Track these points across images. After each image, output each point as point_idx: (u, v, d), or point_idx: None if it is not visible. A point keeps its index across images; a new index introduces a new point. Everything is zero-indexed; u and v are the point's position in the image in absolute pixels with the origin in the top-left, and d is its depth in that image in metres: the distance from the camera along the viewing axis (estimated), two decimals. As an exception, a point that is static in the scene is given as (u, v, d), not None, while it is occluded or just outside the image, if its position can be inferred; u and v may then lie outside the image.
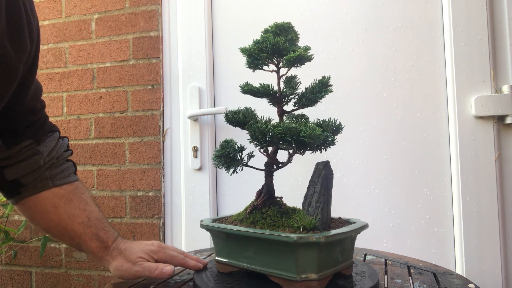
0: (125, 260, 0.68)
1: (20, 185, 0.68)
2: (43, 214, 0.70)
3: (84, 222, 0.70)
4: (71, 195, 0.72)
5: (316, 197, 0.63)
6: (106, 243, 0.70)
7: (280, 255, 0.58)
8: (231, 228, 0.63)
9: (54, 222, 0.70)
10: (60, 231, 0.70)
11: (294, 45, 0.71)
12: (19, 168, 0.66)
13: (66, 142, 0.75)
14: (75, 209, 0.71)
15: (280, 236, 0.56)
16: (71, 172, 0.75)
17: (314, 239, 0.54)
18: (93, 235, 0.70)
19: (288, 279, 0.57)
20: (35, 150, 0.68)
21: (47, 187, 0.69)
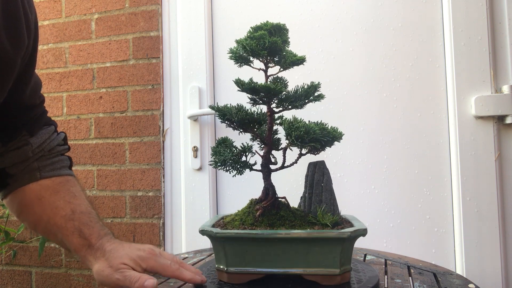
0: (107, 264, 0.61)
1: (7, 175, 0.65)
2: (28, 207, 0.66)
3: (67, 215, 0.64)
4: (58, 187, 0.67)
5: (327, 195, 0.65)
6: (89, 240, 0.64)
7: (320, 252, 0.59)
8: (266, 233, 0.60)
9: (37, 215, 0.65)
10: (44, 225, 0.65)
11: (286, 46, 0.71)
12: (6, 157, 0.64)
13: (61, 137, 0.72)
14: (59, 201, 0.65)
15: (332, 233, 0.58)
16: (64, 166, 0.70)
17: (362, 231, 0.60)
18: (75, 229, 0.63)
19: (328, 275, 0.59)
20: (26, 141, 0.65)
21: (34, 178, 0.66)
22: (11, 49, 0.51)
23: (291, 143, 0.65)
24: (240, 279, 0.62)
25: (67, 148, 0.73)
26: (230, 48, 0.70)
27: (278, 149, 0.73)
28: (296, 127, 0.63)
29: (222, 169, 0.69)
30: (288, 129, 0.64)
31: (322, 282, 0.60)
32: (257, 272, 0.62)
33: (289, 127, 0.64)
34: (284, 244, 0.60)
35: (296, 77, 1.24)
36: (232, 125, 0.70)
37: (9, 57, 0.51)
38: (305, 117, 0.69)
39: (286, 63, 0.69)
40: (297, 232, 0.59)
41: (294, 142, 0.64)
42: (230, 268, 0.62)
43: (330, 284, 0.60)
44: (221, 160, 0.68)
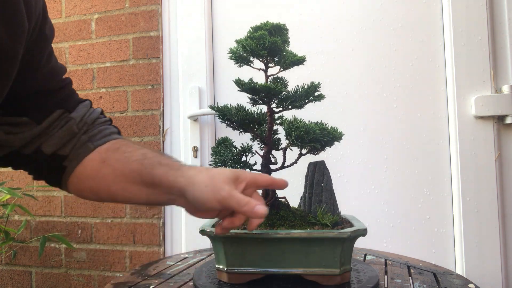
0: (210, 179, 0.54)
1: (61, 158, 0.62)
2: (94, 176, 0.61)
3: (140, 158, 0.59)
4: (116, 146, 0.63)
5: (327, 195, 0.65)
6: (173, 165, 0.58)
7: (320, 252, 0.59)
8: (265, 233, 0.60)
9: (109, 176, 0.60)
10: (121, 183, 0.60)
11: (287, 46, 0.71)
12: (54, 139, 0.61)
13: (99, 110, 0.68)
14: (125, 153, 0.61)
15: (332, 233, 0.58)
16: (112, 132, 0.67)
17: (362, 231, 0.60)
18: (154, 163, 0.58)
19: (328, 275, 0.59)
20: (68, 118, 0.62)
21: (88, 150, 0.62)
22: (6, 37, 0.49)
23: (291, 143, 0.65)
24: (240, 279, 0.62)
25: (109, 119, 0.70)
26: (230, 48, 0.70)
27: (278, 149, 0.73)
28: (296, 127, 0.63)
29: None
30: (288, 129, 0.64)
31: (322, 282, 0.60)
32: (257, 272, 0.62)
33: (289, 127, 0.64)
34: (284, 244, 0.60)
35: (296, 77, 1.24)
36: (232, 125, 0.70)
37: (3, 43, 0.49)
38: (305, 117, 0.69)
39: (286, 63, 0.69)
40: (297, 232, 0.59)
41: (294, 142, 0.64)
42: (230, 268, 0.62)
43: (330, 284, 0.60)
44: (221, 160, 0.68)
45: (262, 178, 0.59)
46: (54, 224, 1.51)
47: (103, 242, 1.45)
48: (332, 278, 0.59)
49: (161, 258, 1.02)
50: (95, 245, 1.46)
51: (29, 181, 1.54)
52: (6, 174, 1.58)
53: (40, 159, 0.61)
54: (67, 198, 1.50)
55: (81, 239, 1.47)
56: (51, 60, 0.62)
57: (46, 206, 1.52)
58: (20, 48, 0.52)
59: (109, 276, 1.45)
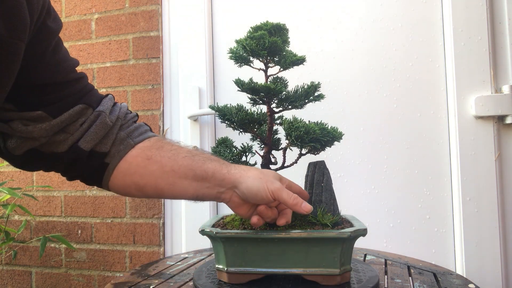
0: (262, 173, 0.61)
1: (102, 155, 0.62)
2: (141, 172, 0.63)
3: (188, 155, 0.63)
4: (159, 144, 0.65)
5: (327, 195, 0.66)
6: (223, 161, 0.63)
7: (320, 252, 0.59)
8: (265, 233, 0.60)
9: (158, 172, 0.62)
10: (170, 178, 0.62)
11: (286, 46, 0.71)
12: (90, 135, 0.61)
13: (126, 105, 0.69)
14: (171, 150, 0.64)
15: (332, 233, 0.59)
16: (147, 129, 0.69)
17: (362, 231, 0.60)
18: (205, 159, 0.62)
19: (328, 275, 0.59)
20: (96, 112, 0.62)
21: (129, 146, 0.64)
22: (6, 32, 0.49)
23: (291, 143, 0.65)
24: (240, 279, 0.62)
25: (136, 114, 0.71)
26: (230, 48, 0.70)
27: (278, 149, 0.73)
28: (296, 127, 0.63)
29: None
30: (288, 129, 0.64)
31: (322, 282, 0.60)
32: (257, 272, 0.62)
33: (289, 127, 0.64)
34: (284, 244, 0.60)
35: (296, 77, 1.24)
36: (232, 125, 0.70)
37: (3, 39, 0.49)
38: (305, 117, 0.69)
39: (286, 63, 0.69)
40: (297, 232, 0.59)
41: (294, 142, 0.64)
42: (230, 268, 0.62)
43: (330, 284, 0.60)
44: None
45: (295, 186, 0.66)
46: (54, 224, 1.51)
47: (103, 242, 1.45)
48: (332, 278, 0.59)
49: (161, 258, 1.02)
50: (95, 245, 1.46)
51: (29, 181, 1.55)
52: (6, 174, 1.58)
53: (77, 157, 0.61)
54: (67, 198, 1.50)
55: (81, 239, 1.47)
56: (58, 52, 0.61)
57: (46, 206, 1.52)
58: (21, 43, 0.51)
59: (109, 276, 1.45)
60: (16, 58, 0.52)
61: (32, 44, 0.55)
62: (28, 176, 1.55)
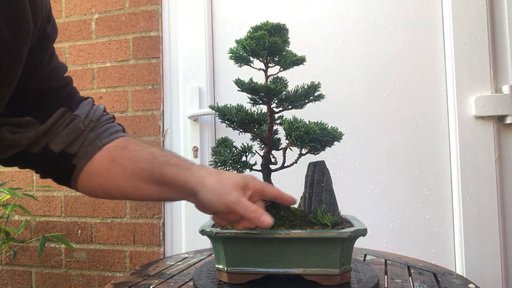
0: (219, 183, 0.56)
1: (70, 156, 0.62)
2: (105, 175, 0.62)
3: (149, 157, 0.61)
4: (125, 143, 0.65)
5: (327, 195, 0.65)
6: (183, 165, 0.60)
7: (320, 252, 0.59)
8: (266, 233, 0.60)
9: (119, 174, 0.62)
10: (132, 181, 0.61)
11: (286, 46, 0.71)
12: (61, 137, 0.61)
13: (102, 108, 0.69)
14: (133, 151, 0.63)
15: (332, 233, 0.58)
16: (118, 130, 0.68)
17: (362, 231, 0.60)
18: (163, 163, 0.60)
19: (328, 275, 0.59)
20: (72, 116, 0.63)
21: (97, 147, 0.63)
22: (11, 37, 0.50)
23: (291, 143, 0.65)
24: (240, 279, 0.62)
25: (112, 116, 0.70)
26: (230, 48, 0.70)
27: (278, 149, 0.73)
28: (296, 127, 0.63)
29: (222, 169, 0.69)
30: (288, 129, 0.64)
31: (322, 282, 0.60)
32: (257, 272, 0.62)
33: (289, 127, 0.64)
34: (284, 244, 0.60)
35: (296, 77, 1.24)
36: (232, 125, 0.70)
37: (9, 43, 0.50)
38: (305, 117, 0.69)
39: (286, 63, 0.69)
40: (297, 232, 0.59)
41: (294, 142, 0.64)
42: (230, 268, 0.62)
43: (330, 284, 0.60)
44: (221, 160, 0.68)
45: (269, 190, 0.60)
46: (54, 224, 1.51)
47: (103, 242, 1.45)
48: (332, 278, 0.59)
49: (161, 258, 1.02)
50: (95, 245, 1.46)
51: (29, 181, 1.54)
52: (6, 174, 1.58)
53: (48, 158, 0.62)
54: (67, 198, 1.50)
55: (81, 239, 1.47)
56: (53, 59, 0.62)
57: (46, 206, 1.52)
58: (24, 47, 0.52)
59: (109, 276, 1.45)
60: (19, 62, 0.52)
61: (33, 50, 0.55)
62: (28, 176, 1.55)
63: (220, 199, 0.55)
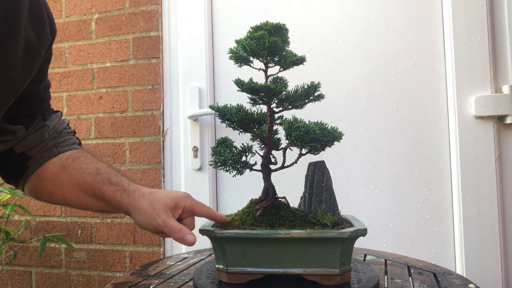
0: (150, 206, 0.62)
1: (26, 158, 0.68)
2: (53, 180, 0.68)
3: (93, 172, 0.67)
4: (77, 154, 0.70)
5: (327, 195, 0.65)
6: (121, 185, 0.65)
7: (320, 252, 0.59)
8: (266, 233, 0.59)
9: (66, 182, 0.67)
10: (76, 191, 0.67)
11: (286, 46, 0.71)
12: (27, 141, 0.67)
13: (66, 122, 0.76)
14: (82, 163, 0.68)
15: (332, 233, 0.58)
16: (75, 142, 0.74)
17: (362, 231, 0.60)
18: (105, 180, 0.66)
19: (328, 275, 0.59)
20: (42, 124, 0.69)
21: (53, 154, 0.69)
22: (37, 41, 0.57)
23: (291, 143, 0.65)
24: (240, 279, 0.62)
25: (73, 130, 0.77)
26: (230, 48, 0.70)
27: (278, 149, 0.73)
28: (296, 127, 0.63)
29: (222, 169, 0.69)
30: (288, 129, 0.64)
31: (322, 282, 0.60)
32: (257, 272, 0.62)
33: (289, 127, 0.64)
34: (284, 244, 0.60)
35: (296, 77, 1.24)
36: (232, 125, 0.70)
37: (35, 47, 0.57)
38: (305, 117, 0.69)
39: (286, 63, 0.69)
40: (297, 232, 0.59)
41: (294, 142, 0.64)
42: (230, 268, 0.62)
43: (330, 284, 0.60)
44: (221, 160, 0.68)
45: (199, 209, 0.66)
46: (54, 224, 1.51)
47: (103, 242, 1.45)
48: (332, 278, 0.59)
49: (161, 258, 1.02)
50: (95, 245, 1.46)
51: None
52: (6, 174, 1.58)
53: (8, 156, 0.67)
54: (67, 198, 1.50)
55: (81, 239, 1.47)
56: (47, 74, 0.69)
57: (46, 206, 1.52)
58: (43, 52, 0.60)
59: (109, 276, 1.45)
60: (38, 63, 0.60)
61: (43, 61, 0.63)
62: (28, 176, 1.55)
63: (149, 221, 0.61)
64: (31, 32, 0.57)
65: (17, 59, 0.55)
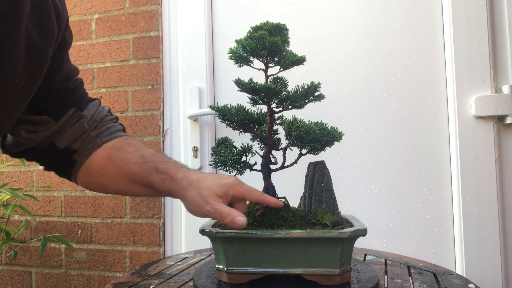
0: (198, 194, 0.62)
1: (71, 152, 0.67)
2: (101, 172, 0.68)
3: (139, 161, 0.66)
4: (121, 144, 0.69)
5: (327, 195, 0.66)
6: (168, 173, 0.65)
7: (320, 252, 0.59)
8: (266, 233, 0.60)
9: (113, 173, 0.67)
10: (125, 181, 0.67)
11: (286, 46, 0.71)
12: (67, 135, 0.67)
13: (107, 109, 0.75)
14: (126, 153, 0.68)
15: (332, 233, 0.58)
16: (118, 129, 0.73)
17: (362, 231, 0.60)
18: (151, 169, 0.65)
19: (328, 275, 0.59)
20: (79, 115, 0.68)
21: (97, 145, 0.68)
22: (40, 39, 0.55)
23: (291, 143, 0.65)
24: (240, 279, 0.62)
25: (115, 117, 0.76)
26: (230, 48, 0.70)
27: (278, 149, 0.73)
28: (296, 127, 0.63)
29: (222, 169, 0.69)
30: (288, 129, 0.64)
31: (322, 282, 0.60)
32: (257, 272, 0.62)
33: (289, 127, 0.64)
34: (284, 244, 0.60)
35: (296, 77, 1.24)
36: (232, 125, 0.70)
37: (38, 46, 0.55)
38: (305, 117, 0.69)
39: (286, 63, 0.69)
40: (297, 232, 0.59)
41: (294, 142, 0.64)
42: (230, 268, 0.62)
43: (330, 284, 0.60)
44: (221, 160, 0.68)
45: (250, 196, 0.65)
46: (54, 224, 1.51)
47: (103, 242, 1.45)
48: (332, 278, 0.59)
49: (161, 258, 1.02)
50: (95, 245, 1.46)
51: (30, 182, 1.54)
52: (6, 174, 1.58)
53: (53, 153, 0.67)
54: (67, 198, 1.50)
55: (81, 239, 1.48)
56: (68, 62, 0.68)
57: (46, 206, 1.52)
58: (50, 49, 0.58)
59: (109, 276, 1.45)
60: (45, 63, 0.58)
61: (55, 53, 0.61)
62: (28, 176, 1.55)
63: (199, 209, 0.61)
64: (33, 30, 0.54)
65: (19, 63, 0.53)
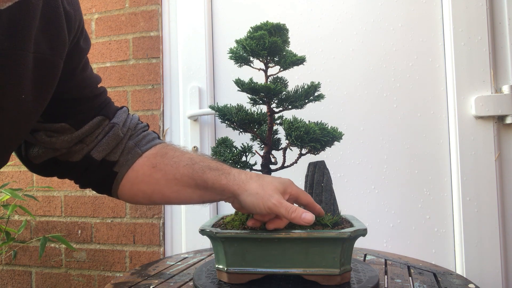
0: (261, 187, 0.59)
1: (111, 164, 0.65)
2: (147, 181, 0.65)
3: (189, 163, 0.64)
4: (164, 151, 0.67)
5: (327, 195, 0.66)
6: (223, 169, 0.62)
7: (320, 253, 0.59)
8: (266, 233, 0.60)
9: (162, 180, 0.64)
10: (174, 186, 0.64)
11: (286, 46, 0.71)
12: (103, 145, 0.64)
13: (137, 117, 0.73)
14: (173, 158, 0.65)
15: (332, 233, 0.58)
16: (154, 137, 0.71)
17: (362, 231, 0.59)
18: (204, 168, 0.63)
19: (328, 275, 0.59)
20: (111, 124, 0.66)
21: (137, 155, 0.66)
22: (49, 51, 0.53)
23: (291, 143, 0.65)
24: (240, 279, 0.62)
25: (146, 124, 0.73)
26: (230, 48, 0.70)
27: (278, 149, 0.73)
28: (296, 127, 0.63)
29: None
30: (288, 129, 0.64)
31: (322, 282, 0.60)
32: (257, 272, 0.62)
33: (289, 127, 0.64)
34: (284, 244, 0.60)
35: (296, 77, 1.24)
36: (232, 125, 0.70)
37: (47, 58, 0.53)
38: (305, 117, 0.69)
39: (286, 63, 0.69)
40: (297, 232, 0.59)
41: (294, 142, 0.64)
42: (230, 268, 0.62)
43: (330, 284, 0.60)
44: (222, 160, 0.68)
45: (303, 197, 0.64)
46: (54, 224, 1.51)
47: (103, 242, 1.45)
48: (332, 278, 0.59)
49: (161, 258, 1.02)
50: (95, 245, 1.46)
51: (30, 182, 1.54)
52: (6, 175, 1.58)
53: (89, 166, 0.64)
54: (67, 198, 1.50)
55: (81, 239, 1.48)
56: (86, 70, 0.65)
57: (46, 206, 1.52)
58: (61, 60, 0.56)
59: (109, 276, 1.45)
60: (56, 74, 0.56)
61: (65, 61, 0.58)
62: (28, 176, 1.55)
63: (263, 202, 0.58)
64: (42, 42, 0.52)
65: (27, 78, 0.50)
